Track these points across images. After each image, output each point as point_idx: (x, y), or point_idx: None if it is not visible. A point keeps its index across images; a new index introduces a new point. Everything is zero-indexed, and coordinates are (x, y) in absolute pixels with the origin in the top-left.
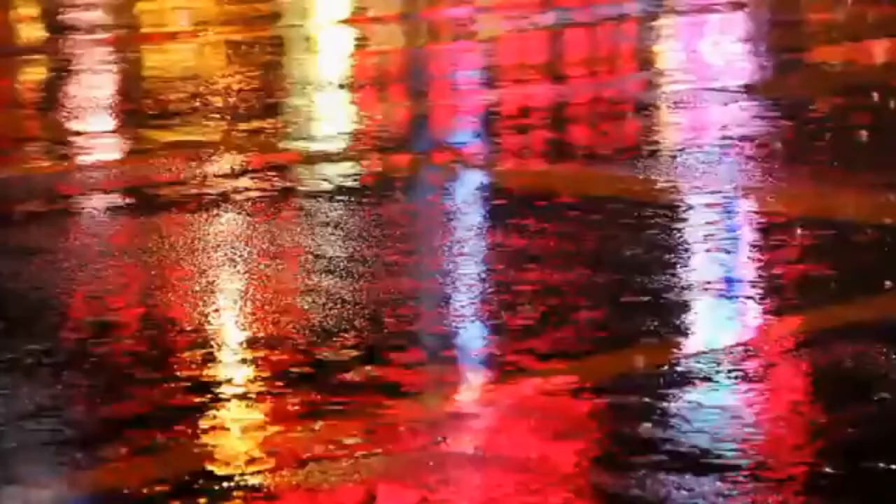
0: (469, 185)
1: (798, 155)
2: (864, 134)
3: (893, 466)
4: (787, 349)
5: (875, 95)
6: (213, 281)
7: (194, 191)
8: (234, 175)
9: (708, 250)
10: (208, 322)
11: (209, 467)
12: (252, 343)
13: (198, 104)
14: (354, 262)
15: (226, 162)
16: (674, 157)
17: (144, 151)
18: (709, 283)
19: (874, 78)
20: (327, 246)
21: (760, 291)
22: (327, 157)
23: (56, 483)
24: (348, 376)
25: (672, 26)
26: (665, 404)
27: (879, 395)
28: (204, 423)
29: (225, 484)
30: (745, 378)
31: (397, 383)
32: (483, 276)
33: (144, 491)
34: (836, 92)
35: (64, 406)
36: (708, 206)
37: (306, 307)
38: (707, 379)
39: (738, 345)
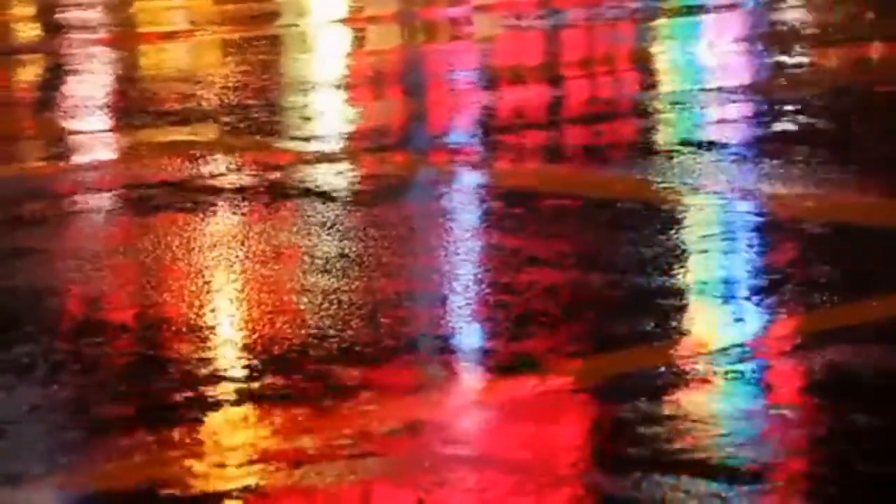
0: (465, 186)
1: (795, 156)
2: (860, 134)
3: (892, 471)
4: (784, 351)
5: (871, 97)
6: (209, 281)
7: (190, 191)
8: (229, 175)
9: (705, 251)
10: (203, 322)
11: (203, 468)
12: (247, 343)
13: (194, 104)
14: (350, 263)
15: (221, 162)
16: (671, 157)
17: (140, 151)
18: (706, 283)
19: (870, 79)
20: (323, 246)
21: (758, 293)
22: (323, 157)
23: (50, 483)
24: (345, 377)
25: (669, 27)
26: (662, 406)
27: (878, 398)
28: (198, 424)
29: (220, 485)
30: (743, 380)
31: (394, 384)
32: (479, 276)
33: (137, 491)
34: (832, 93)
35: (58, 406)
36: (705, 206)
37: (302, 307)
38: (704, 380)
39: (735, 346)
